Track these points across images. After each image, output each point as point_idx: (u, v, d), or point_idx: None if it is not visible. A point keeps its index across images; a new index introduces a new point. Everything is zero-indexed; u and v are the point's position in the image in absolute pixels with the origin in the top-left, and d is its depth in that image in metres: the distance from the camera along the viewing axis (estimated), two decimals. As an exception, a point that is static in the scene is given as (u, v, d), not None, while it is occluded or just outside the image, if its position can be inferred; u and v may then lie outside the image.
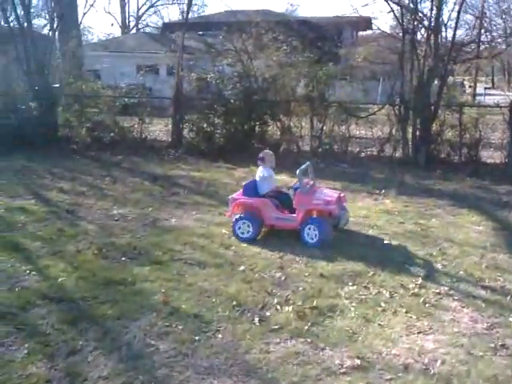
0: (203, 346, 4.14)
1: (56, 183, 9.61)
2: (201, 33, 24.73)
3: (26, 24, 14.25)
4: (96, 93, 14.59)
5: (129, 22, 52.67)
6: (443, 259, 6.09)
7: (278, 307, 4.81)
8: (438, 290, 5.21)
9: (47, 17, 16.52)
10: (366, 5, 14.19)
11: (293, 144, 12.96)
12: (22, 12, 14.35)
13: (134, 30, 49.54)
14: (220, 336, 4.29)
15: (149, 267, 5.68)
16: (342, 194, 7.11)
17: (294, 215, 6.55)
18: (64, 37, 16.45)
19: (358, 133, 13.10)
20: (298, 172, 6.63)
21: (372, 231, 7.13)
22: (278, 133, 13.16)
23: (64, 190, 9.10)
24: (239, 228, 6.60)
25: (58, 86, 14.80)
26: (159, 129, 14.59)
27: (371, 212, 8.03)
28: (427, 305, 4.92)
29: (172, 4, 52.89)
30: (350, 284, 5.36)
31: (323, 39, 17.74)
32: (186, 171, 11.13)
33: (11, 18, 14.61)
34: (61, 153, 12.62)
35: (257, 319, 4.57)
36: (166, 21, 46.82)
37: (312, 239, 6.41)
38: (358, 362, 3.92)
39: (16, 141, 12.68)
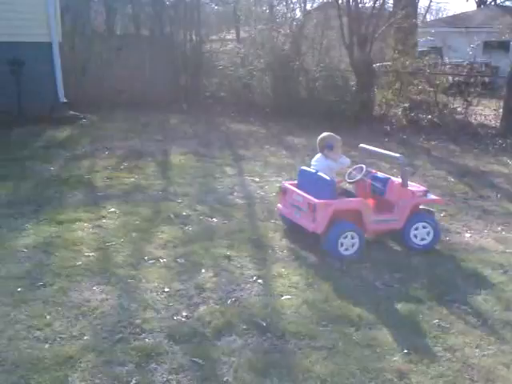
0: None
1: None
2: None
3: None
4: (419, 70, 12.96)
5: (486, -4, 48.30)
6: None
7: None
8: None
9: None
10: None
11: None
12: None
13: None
14: None
15: (402, 304, 4.06)
16: None
17: (394, 214, 5.11)
18: (394, 11, 15.12)
19: None
20: (401, 159, 5.21)
21: None
22: None
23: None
24: (342, 244, 4.85)
25: (379, 64, 13.76)
26: (488, 113, 12.21)
27: None
28: None
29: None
30: None
31: None
32: (510, 168, 8.76)
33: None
34: (370, 134, 11.50)
35: None
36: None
37: (421, 240, 5.11)
38: None
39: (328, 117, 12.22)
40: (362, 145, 5.84)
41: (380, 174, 5.56)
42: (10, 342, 3.37)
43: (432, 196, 5.44)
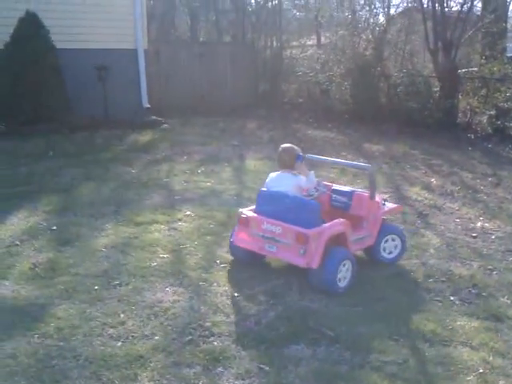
0: None
1: (427, 177, 8.27)
2: None
3: (437, 4, 13.06)
4: (508, 76, 12.35)
5: None
6: None
7: None
8: None
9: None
10: None
11: None
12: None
13: None
14: None
15: (479, 321, 3.88)
16: None
17: (366, 230, 4.62)
18: (482, 15, 14.48)
19: None
20: (370, 169, 4.88)
21: None
22: None
23: (431, 187, 7.69)
24: (339, 273, 4.18)
25: (465, 70, 13.24)
26: None
27: None
28: None
29: None
30: None
31: None
32: None
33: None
34: (453, 142, 11.12)
35: None
36: None
37: (389, 253, 4.77)
38: None
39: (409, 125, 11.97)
40: (309, 155, 5.08)
41: (340, 187, 5.07)
42: (84, 338, 3.50)
43: (390, 204, 5.06)
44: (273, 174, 4.65)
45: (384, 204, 4.88)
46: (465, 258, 5.05)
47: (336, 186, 5.04)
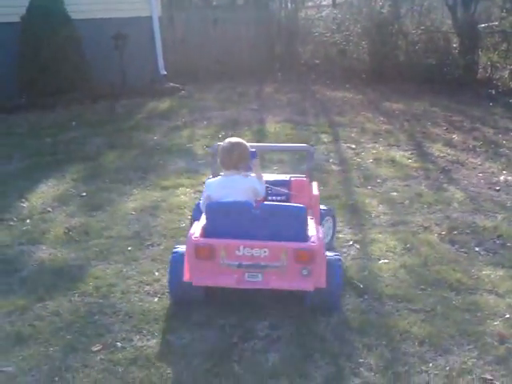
0: None
1: (448, 134, 8.24)
2: None
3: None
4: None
5: None
6: None
7: None
8: None
9: None
10: None
11: None
12: None
13: None
14: None
15: (504, 270, 3.96)
16: None
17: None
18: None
19: None
20: (311, 149, 4.07)
21: None
22: None
23: (452, 143, 7.68)
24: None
25: (485, 24, 12.98)
26: None
27: None
28: None
29: None
30: None
31: None
32: None
33: None
34: (474, 98, 11.00)
35: None
36: None
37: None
38: None
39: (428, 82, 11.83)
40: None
41: (272, 176, 4.19)
42: (122, 295, 3.67)
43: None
44: (214, 181, 3.62)
45: None
46: (488, 211, 5.11)
47: (267, 176, 3.97)
